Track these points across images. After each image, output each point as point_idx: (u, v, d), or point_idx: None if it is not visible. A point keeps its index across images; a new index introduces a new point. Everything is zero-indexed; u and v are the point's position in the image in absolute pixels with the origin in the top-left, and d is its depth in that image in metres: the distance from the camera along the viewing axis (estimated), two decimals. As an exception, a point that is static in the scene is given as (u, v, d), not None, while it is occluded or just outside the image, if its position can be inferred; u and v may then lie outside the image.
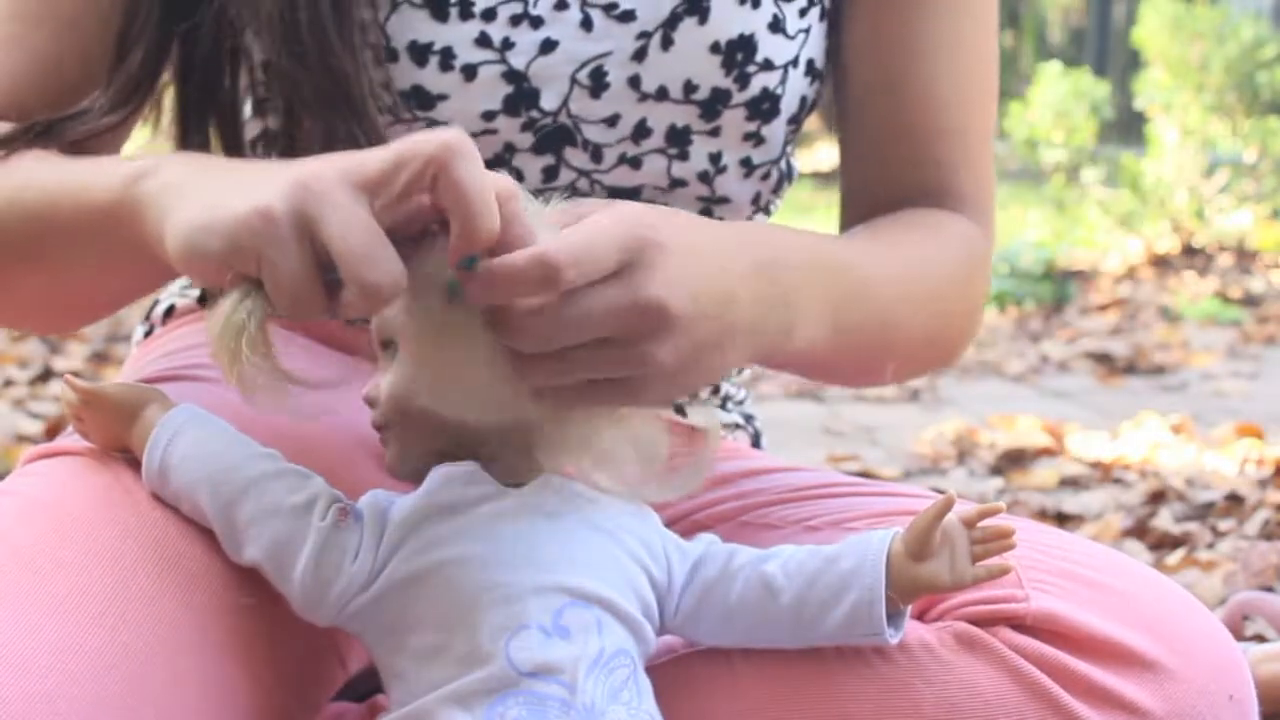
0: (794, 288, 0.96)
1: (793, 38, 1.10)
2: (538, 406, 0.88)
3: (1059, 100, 7.22)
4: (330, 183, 0.80)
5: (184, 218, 0.85)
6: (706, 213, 1.13)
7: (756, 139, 1.11)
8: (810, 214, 9.18)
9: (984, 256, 1.17)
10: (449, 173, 0.80)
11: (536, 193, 0.93)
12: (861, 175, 1.19)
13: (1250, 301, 5.92)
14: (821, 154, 13.80)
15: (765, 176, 1.15)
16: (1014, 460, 3.24)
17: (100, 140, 1.09)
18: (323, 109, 1.02)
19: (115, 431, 0.97)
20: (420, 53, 1.04)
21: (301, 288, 0.82)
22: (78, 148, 1.07)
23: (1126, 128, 9.06)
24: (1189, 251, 7.11)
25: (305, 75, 1.01)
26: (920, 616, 0.99)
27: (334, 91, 1.01)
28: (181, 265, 0.86)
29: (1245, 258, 6.97)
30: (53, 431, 0.98)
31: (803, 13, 1.10)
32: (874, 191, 1.17)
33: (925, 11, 1.14)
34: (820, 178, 12.11)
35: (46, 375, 3.72)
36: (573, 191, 1.06)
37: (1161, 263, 6.93)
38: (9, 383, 3.66)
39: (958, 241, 1.14)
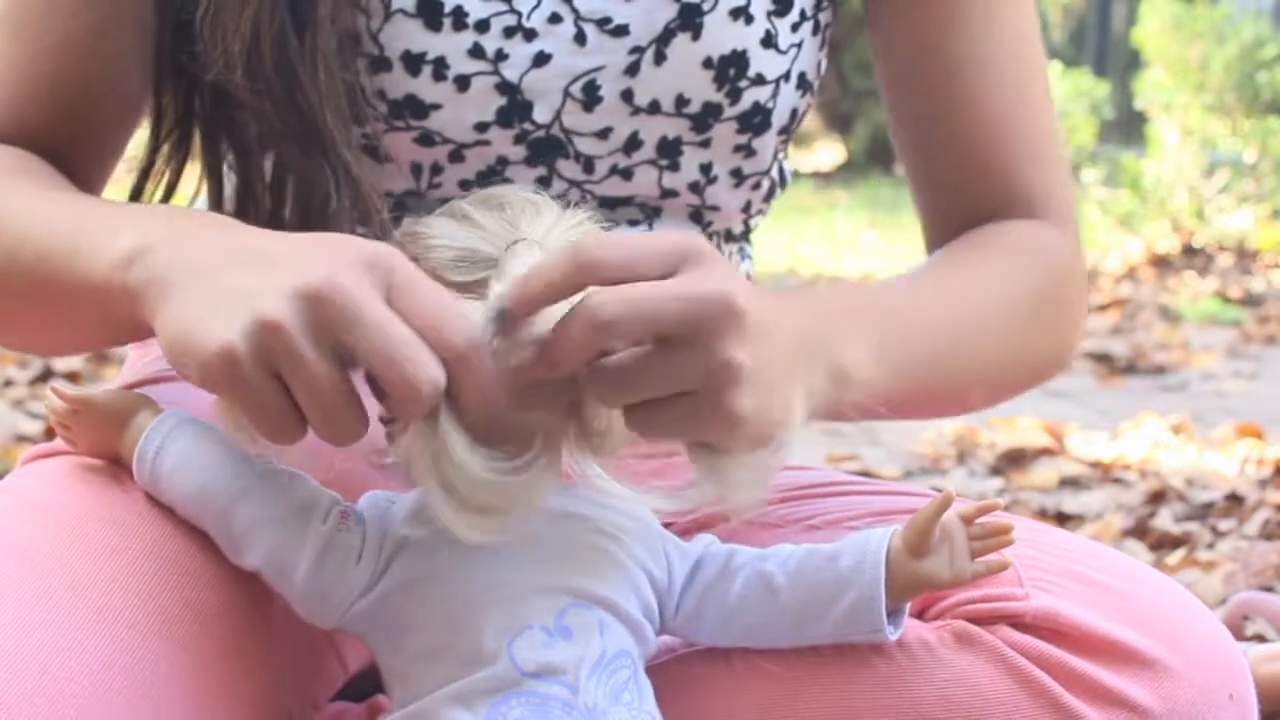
0: (831, 336, 0.95)
1: (785, 52, 1.10)
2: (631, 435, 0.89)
3: (1059, 100, 7.22)
4: (294, 332, 0.81)
5: (168, 329, 0.86)
6: (696, 218, 1.14)
7: (747, 151, 1.12)
8: (810, 214, 9.18)
9: (1068, 261, 1.15)
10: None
11: None
12: (933, 200, 1.18)
13: (1250, 301, 5.92)
14: (822, 154, 13.81)
15: (756, 186, 1.15)
16: (1014, 460, 3.24)
17: (103, 146, 1.10)
18: (291, 145, 1.02)
19: (104, 440, 0.96)
20: (413, 62, 1.05)
21: (271, 419, 0.84)
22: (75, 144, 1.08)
23: (1126, 128, 9.06)
24: (1189, 251, 7.11)
25: (273, 111, 1.01)
26: (920, 615, 0.99)
27: (301, 127, 1.01)
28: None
29: (1245, 258, 6.98)
30: (53, 431, 0.98)
31: (795, 28, 1.10)
32: (949, 214, 1.16)
33: (961, 26, 1.13)
34: (820, 177, 12.11)
35: (46, 375, 3.72)
36: (564, 202, 1.06)
37: (1161, 263, 6.94)
38: (9, 383, 3.66)
39: (1031, 252, 1.13)
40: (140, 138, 1.12)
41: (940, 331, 1.04)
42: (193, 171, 1.11)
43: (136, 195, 1.09)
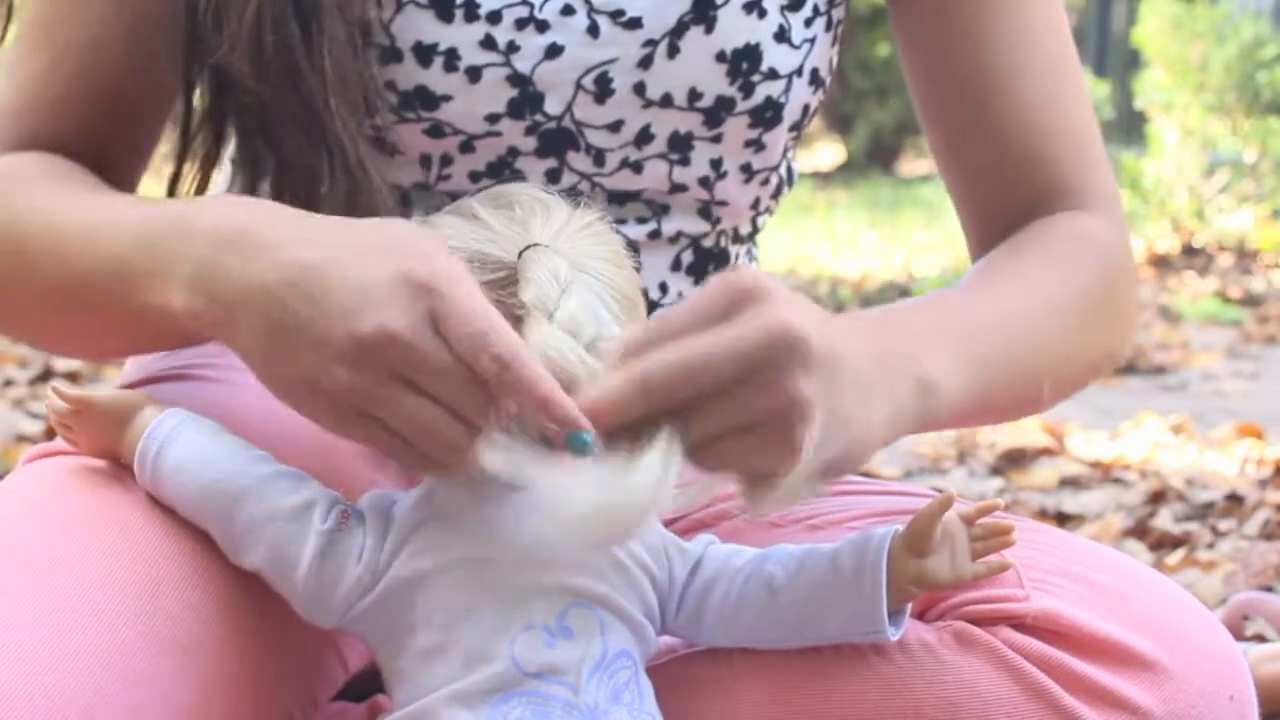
0: (912, 350, 0.95)
1: (798, 47, 1.10)
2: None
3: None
4: (367, 386, 0.84)
5: (256, 371, 0.89)
6: (705, 214, 1.13)
7: (758, 145, 1.12)
8: (810, 214, 9.19)
9: (1117, 250, 1.13)
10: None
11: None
12: (972, 198, 1.17)
13: (1250, 301, 5.93)
14: (822, 154, 13.80)
15: (765, 182, 1.15)
16: (1014, 460, 3.24)
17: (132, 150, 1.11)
18: (290, 131, 1.02)
19: (105, 440, 0.96)
20: (425, 53, 1.05)
21: (404, 454, 0.88)
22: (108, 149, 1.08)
23: (1126, 128, 9.07)
24: (1189, 251, 7.12)
25: (273, 98, 1.01)
26: (920, 616, 0.99)
27: (303, 115, 1.01)
28: None
29: (1245, 258, 6.98)
30: (53, 431, 0.98)
31: (808, 22, 1.10)
32: (990, 210, 1.15)
33: (991, 16, 1.12)
34: (820, 177, 12.12)
35: (46, 375, 3.72)
36: (574, 194, 1.06)
37: (1161, 263, 6.94)
38: (9, 383, 3.66)
39: (1083, 245, 1.11)
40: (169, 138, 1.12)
41: (1015, 332, 1.03)
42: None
43: (170, 196, 1.09)
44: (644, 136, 1.09)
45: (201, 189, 1.09)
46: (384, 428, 0.86)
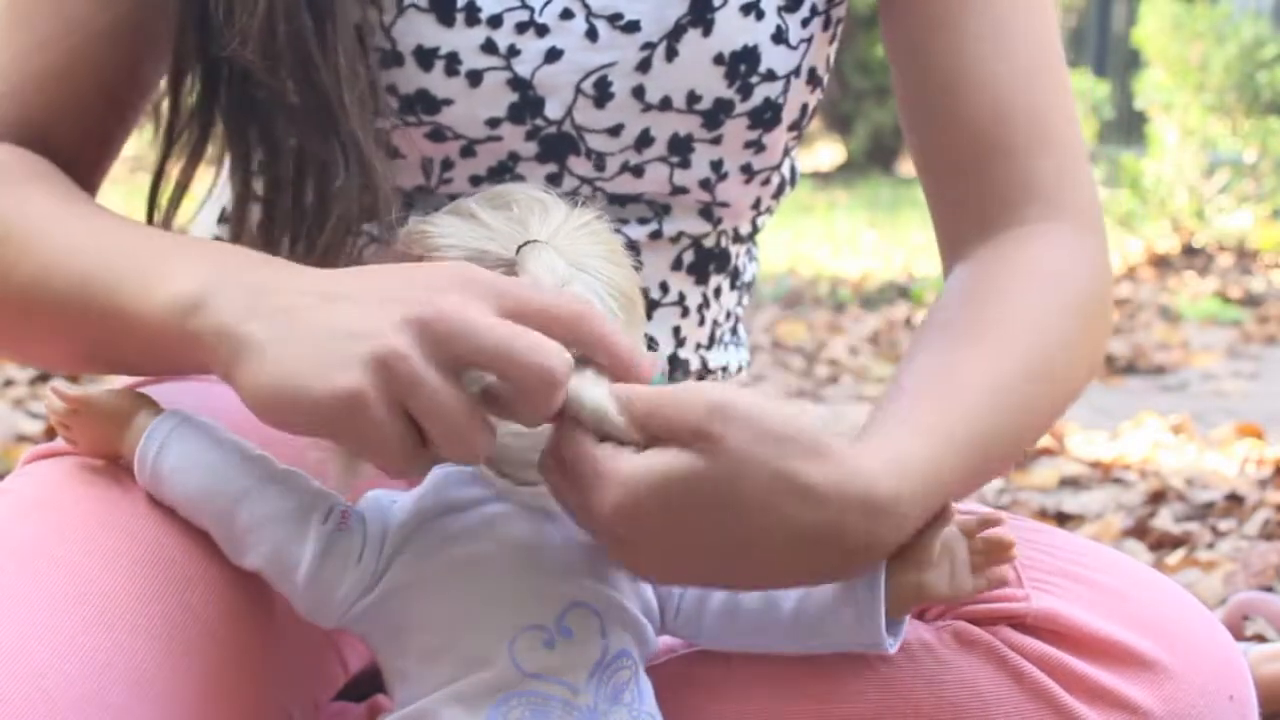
0: (910, 514, 0.89)
1: (795, 48, 1.10)
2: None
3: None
4: (416, 360, 0.81)
5: (261, 384, 0.84)
6: (706, 215, 1.13)
7: (758, 146, 1.12)
8: (810, 214, 9.20)
9: (1094, 268, 1.09)
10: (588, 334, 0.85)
11: None
12: (944, 196, 1.14)
13: (1250, 301, 5.93)
14: (822, 154, 13.81)
15: (765, 182, 1.15)
16: (1014, 460, 3.24)
17: (99, 142, 1.10)
18: (302, 124, 1.02)
19: (105, 440, 0.96)
20: (425, 57, 1.05)
21: (399, 453, 0.84)
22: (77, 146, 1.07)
23: (1126, 128, 9.07)
24: (1189, 251, 7.12)
25: (285, 89, 1.01)
26: (920, 615, 0.99)
27: (314, 106, 1.01)
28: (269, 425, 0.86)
29: (1245, 258, 6.99)
30: (53, 432, 0.98)
31: (805, 23, 1.10)
32: (961, 210, 1.12)
33: (966, 17, 1.10)
34: (820, 177, 12.13)
35: (46, 375, 3.71)
36: (575, 198, 1.06)
37: (1161, 263, 6.95)
38: (9, 383, 3.66)
39: (1057, 276, 1.06)
40: (142, 138, 1.12)
41: (1000, 422, 0.97)
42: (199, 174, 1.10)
43: (153, 196, 1.09)
44: (644, 140, 1.09)
45: (182, 191, 1.08)
46: (402, 424, 0.83)
